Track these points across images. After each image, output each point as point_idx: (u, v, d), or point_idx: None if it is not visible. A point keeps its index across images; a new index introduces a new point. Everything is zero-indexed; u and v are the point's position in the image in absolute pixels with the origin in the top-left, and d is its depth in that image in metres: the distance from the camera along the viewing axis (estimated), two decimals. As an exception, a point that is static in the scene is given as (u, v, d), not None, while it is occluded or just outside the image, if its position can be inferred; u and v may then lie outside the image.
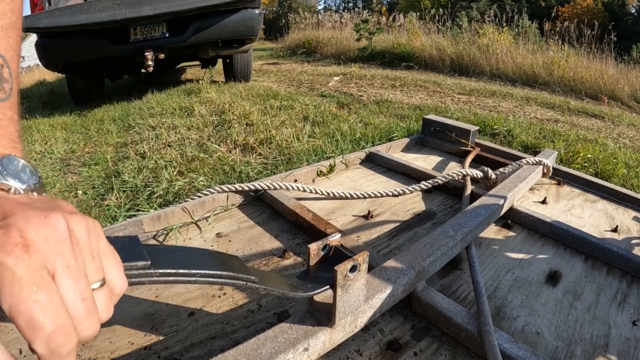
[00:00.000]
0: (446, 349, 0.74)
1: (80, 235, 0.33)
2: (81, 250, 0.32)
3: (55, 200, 0.36)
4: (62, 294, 0.30)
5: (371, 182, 1.47)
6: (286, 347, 0.59)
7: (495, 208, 1.09)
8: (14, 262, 0.28)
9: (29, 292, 0.28)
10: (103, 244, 0.36)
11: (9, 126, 0.41)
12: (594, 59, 5.90)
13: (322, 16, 10.50)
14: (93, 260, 0.33)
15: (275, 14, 24.34)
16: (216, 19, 3.27)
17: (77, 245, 0.32)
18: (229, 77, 4.43)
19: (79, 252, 0.32)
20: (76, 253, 0.32)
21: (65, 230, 0.31)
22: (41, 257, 0.29)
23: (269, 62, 7.51)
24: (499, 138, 2.55)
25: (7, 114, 0.41)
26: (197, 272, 0.45)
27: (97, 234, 0.35)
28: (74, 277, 0.31)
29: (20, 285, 0.28)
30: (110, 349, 0.70)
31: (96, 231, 0.35)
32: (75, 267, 0.31)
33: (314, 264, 0.64)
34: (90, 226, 0.34)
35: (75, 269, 0.31)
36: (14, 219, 0.30)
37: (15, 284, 0.28)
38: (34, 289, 0.28)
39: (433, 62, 6.68)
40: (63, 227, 0.31)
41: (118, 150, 2.15)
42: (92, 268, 0.33)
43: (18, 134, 0.42)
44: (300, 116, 2.75)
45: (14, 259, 0.28)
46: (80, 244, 0.32)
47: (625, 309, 0.89)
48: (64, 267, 0.30)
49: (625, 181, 1.97)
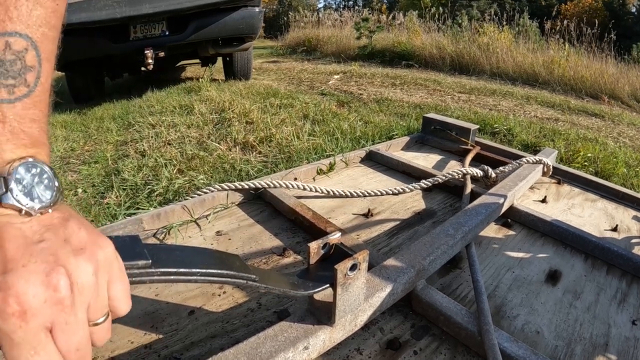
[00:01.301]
0: (446, 348, 0.74)
1: (85, 282, 0.32)
2: (83, 299, 0.32)
3: (66, 227, 0.33)
4: (59, 347, 0.31)
5: (371, 180, 1.47)
6: (286, 346, 0.59)
7: (495, 207, 1.09)
8: (11, 329, 0.28)
9: (27, 355, 0.29)
10: (113, 271, 0.35)
11: (32, 127, 0.36)
12: (594, 58, 5.90)
13: (322, 14, 10.47)
14: (97, 299, 0.33)
15: (276, 12, 24.30)
16: (216, 17, 3.26)
17: (79, 296, 0.32)
18: (229, 75, 4.43)
19: (81, 303, 0.32)
20: (76, 306, 0.32)
21: (66, 290, 0.31)
22: (39, 320, 0.29)
23: (269, 61, 7.50)
24: (499, 137, 2.54)
25: (28, 114, 0.35)
26: (197, 271, 0.45)
27: (107, 263, 0.35)
28: (71, 332, 0.31)
29: (19, 349, 0.29)
30: (111, 347, 0.70)
31: (106, 261, 0.34)
32: (74, 322, 0.31)
33: (314, 262, 0.64)
34: (99, 263, 0.34)
35: (73, 324, 0.31)
36: (13, 279, 0.29)
37: (14, 348, 0.29)
38: (31, 352, 0.29)
39: (433, 60, 6.67)
40: (65, 286, 0.31)
41: (118, 149, 2.15)
42: (95, 308, 0.33)
43: (44, 132, 0.37)
44: (300, 114, 2.75)
45: (11, 327, 0.28)
46: (85, 292, 0.32)
47: (624, 308, 0.89)
48: (62, 324, 0.31)
49: (625, 180, 1.97)
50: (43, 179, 0.34)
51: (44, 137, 0.37)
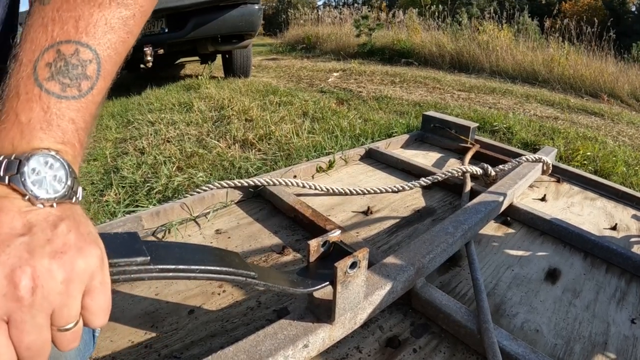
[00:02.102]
0: (445, 346, 0.74)
1: (51, 289, 0.32)
2: (46, 305, 0.32)
3: (56, 227, 0.33)
4: (12, 340, 0.31)
5: (371, 178, 1.46)
6: (286, 344, 0.59)
7: (494, 205, 1.09)
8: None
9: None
10: (93, 283, 0.34)
11: (67, 126, 0.37)
12: (594, 57, 5.89)
13: (322, 12, 10.45)
14: (65, 307, 0.33)
15: (275, 9, 24.24)
16: (215, 15, 3.25)
17: (42, 300, 0.31)
18: (228, 72, 4.42)
19: (42, 307, 0.31)
20: (35, 309, 0.31)
21: (27, 290, 0.31)
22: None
23: (268, 58, 7.48)
24: (499, 135, 2.54)
25: (69, 114, 0.36)
26: (196, 268, 0.45)
27: (84, 276, 0.34)
28: (25, 331, 0.31)
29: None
30: (111, 347, 0.70)
31: (83, 274, 0.33)
32: (29, 323, 0.31)
33: (313, 260, 0.64)
34: (75, 272, 0.33)
35: (29, 324, 0.31)
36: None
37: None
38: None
39: (433, 58, 6.66)
40: (26, 287, 0.30)
41: (117, 146, 2.15)
42: (61, 315, 0.33)
43: (78, 137, 0.38)
44: (299, 112, 2.74)
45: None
46: (49, 298, 0.32)
47: (624, 307, 0.89)
48: (17, 321, 0.31)
49: (625, 179, 1.97)
50: (58, 174, 0.35)
51: (77, 140, 0.38)
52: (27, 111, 0.35)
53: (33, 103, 0.35)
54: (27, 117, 0.35)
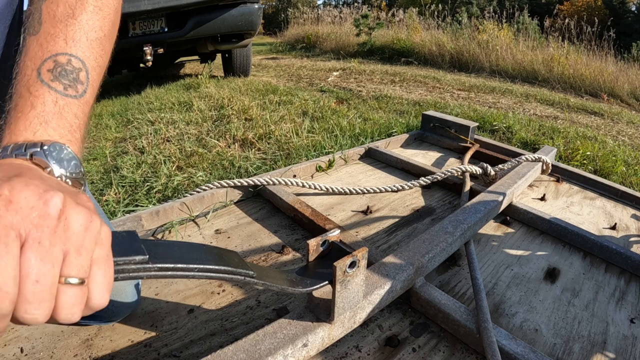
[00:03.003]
0: (444, 345, 0.74)
1: (74, 226, 0.32)
2: (65, 239, 0.31)
3: (80, 193, 0.36)
4: (22, 264, 0.29)
5: (370, 177, 1.46)
6: (285, 343, 0.59)
7: (494, 204, 1.09)
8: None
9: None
10: (101, 253, 0.35)
11: (73, 121, 0.43)
12: (593, 56, 5.89)
13: (322, 11, 10.44)
14: (78, 256, 0.32)
15: (275, 8, 24.21)
16: (215, 14, 3.25)
17: (63, 232, 0.31)
18: (228, 71, 4.42)
19: (61, 238, 0.31)
20: (56, 237, 0.30)
21: (56, 211, 0.31)
22: (18, 219, 0.29)
23: (268, 57, 7.48)
24: (499, 134, 2.54)
25: (73, 109, 0.43)
26: (195, 267, 0.45)
27: (98, 239, 0.34)
28: (39, 256, 0.29)
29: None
30: (111, 347, 0.70)
31: (98, 236, 0.34)
32: (47, 248, 0.30)
33: (312, 259, 0.64)
34: (92, 227, 0.33)
35: (46, 250, 0.30)
36: (17, 180, 0.30)
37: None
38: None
39: (433, 57, 6.66)
40: (55, 207, 0.31)
41: (117, 145, 2.15)
42: (73, 263, 0.32)
43: (80, 132, 0.44)
44: (299, 111, 2.74)
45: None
46: (68, 233, 0.31)
47: (623, 306, 0.89)
48: (34, 241, 0.29)
49: (624, 179, 1.97)
50: (71, 160, 0.41)
51: (78, 135, 0.44)
52: (40, 104, 0.41)
53: (45, 97, 0.41)
54: (42, 107, 0.41)
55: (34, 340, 0.70)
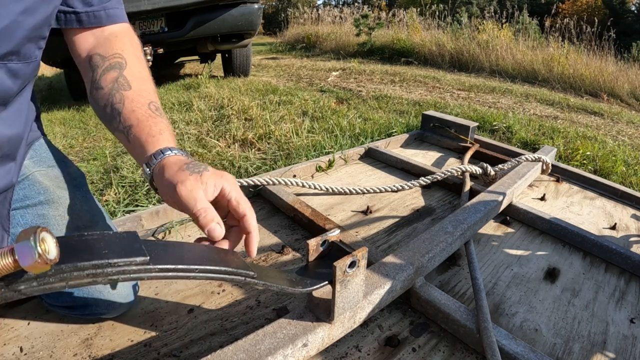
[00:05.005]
0: (444, 345, 0.74)
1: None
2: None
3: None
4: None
5: (370, 177, 1.47)
6: (285, 343, 0.59)
7: (494, 204, 1.09)
8: None
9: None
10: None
11: (173, 132, 0.65)
12: (593, 56, 5.89)
13: (322, 11, 10.43)
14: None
15: (275, 8, 24.20)
16: (215, 14, 3.25)
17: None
18: (228, 71, 4.41)
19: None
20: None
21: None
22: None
23: (268, 57, 7.48)
24: (498, 134, 2.54)
25: (169, 127, 0.65)
26: (196, 268, 0.45)
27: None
28: None
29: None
30: (110, 346, 0.70)
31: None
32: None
33: (312, 259, 0.64)
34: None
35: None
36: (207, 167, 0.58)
37: None
38: None
39: (433, 57, 6.66)
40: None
41: (117, 145, 2.14)
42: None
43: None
44: (299, 111, 2.74)
45: None
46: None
47: (623, 306, 0.89)
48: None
49: (624, 179, 1.97)
50: (185, 152, 0.62)
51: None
52: (165, 126, 0.64)
53: (162, 122, 0.64)
54: (165, 128, 0.64)
55: (34, 339, 0.70)
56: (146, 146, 0.60)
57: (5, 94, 0.58)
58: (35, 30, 0.58)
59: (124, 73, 0.67)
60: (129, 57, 0.69)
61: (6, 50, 0.54)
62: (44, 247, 0.33)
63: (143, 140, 0.60)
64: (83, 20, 0.68)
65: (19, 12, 0.53)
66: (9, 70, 0.57)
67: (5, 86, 0.57)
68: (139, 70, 0.70)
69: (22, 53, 0.58)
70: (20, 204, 0.68)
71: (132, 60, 0.69)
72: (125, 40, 0.72)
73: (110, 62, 0.67)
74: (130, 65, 0.68)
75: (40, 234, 0.33)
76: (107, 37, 0.71)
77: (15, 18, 0.53)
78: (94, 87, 0.67)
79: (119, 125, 0.64)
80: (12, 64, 0.57)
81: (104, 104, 0.65)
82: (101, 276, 0.38)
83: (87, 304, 0.71)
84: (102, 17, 0.69)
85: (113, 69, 0.67)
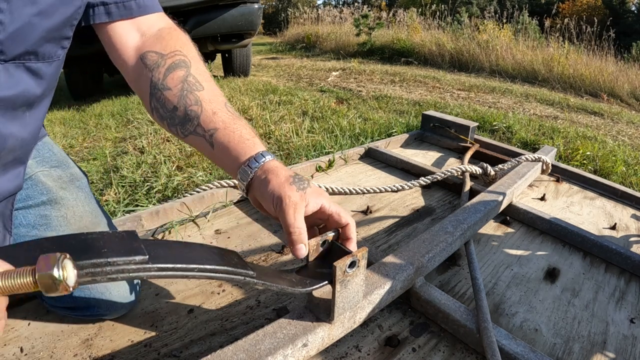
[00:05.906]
0: (444, 345, 0.74)
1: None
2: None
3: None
4: None
5: (370, 177, 1.46)
6: (285, 343, 0.59)
7: (494, 204, 1.09)
8: None
9: None
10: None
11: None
12: (593, 56, 5.89)
13: (322, 11, 10.44)
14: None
15: (275, 8, 24.21)
16: (215, 14, 3.25)
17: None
18: (228, 71, 4.42)
19: None
20: None
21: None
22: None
23: (268, 57, 7.48)
24: (498, 134, 2.54)
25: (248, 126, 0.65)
26: (195, 267, 0.45)
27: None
28: None
29: None
30: (110, 346, 0.70)
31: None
32: None
33: (312, 259, 0.64)
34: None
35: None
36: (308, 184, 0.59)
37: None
38: None
39: (433, 57, 6.66)
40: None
41: (117, 145, 2.14)
42: None
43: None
44: (299, 111, 2.74)
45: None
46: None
47: (623, 306, 0.89)
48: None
49: (624, 179, 1.97)
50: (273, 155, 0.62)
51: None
52: (250, 131, 0.62)
53: (248, 125, 0.63)
54: (254, 132, 0.63)
55: (34, 339, 0.70)
56: (240, 150, 0.59)
57: (30, 95, 0.57)
58: (54, 32, 0.56)
59: (191, 72, 0.63)
60: (190, 54, 0.65)
61: (22, 50, 0.53)
62: (65, 275, 0.33)
63: (235, 143, 0.59)
64: (112, 12, 0.63)
65: (33, 15, 0.52)
66: (28, 70, 0.55)
67: (29, 86, 0.56)
68: (204, 69, 0.66)
69: (40, 53, 0.56)
70: (23, 204, 0.67)
71: (195, 58, 0.65)
72: (179, 35, 0.67)
73: (173, 60, 0.63)
74: (195, 63, 0.64)
75: (62, 262, 0.33)
76: (157, 32, 0.67)
77: (29, 20, 0.52)
78: (156, 89, 0.62)
79: (196, 128, 0.61)
80: (31, 63, 0.55)
81: (174, 106, 0.61)
82: (100, 275, 0.38)
83: (88, 305, 0.70)
84: (133, 8, 0.65)
85: (179, 68, 0.62)
